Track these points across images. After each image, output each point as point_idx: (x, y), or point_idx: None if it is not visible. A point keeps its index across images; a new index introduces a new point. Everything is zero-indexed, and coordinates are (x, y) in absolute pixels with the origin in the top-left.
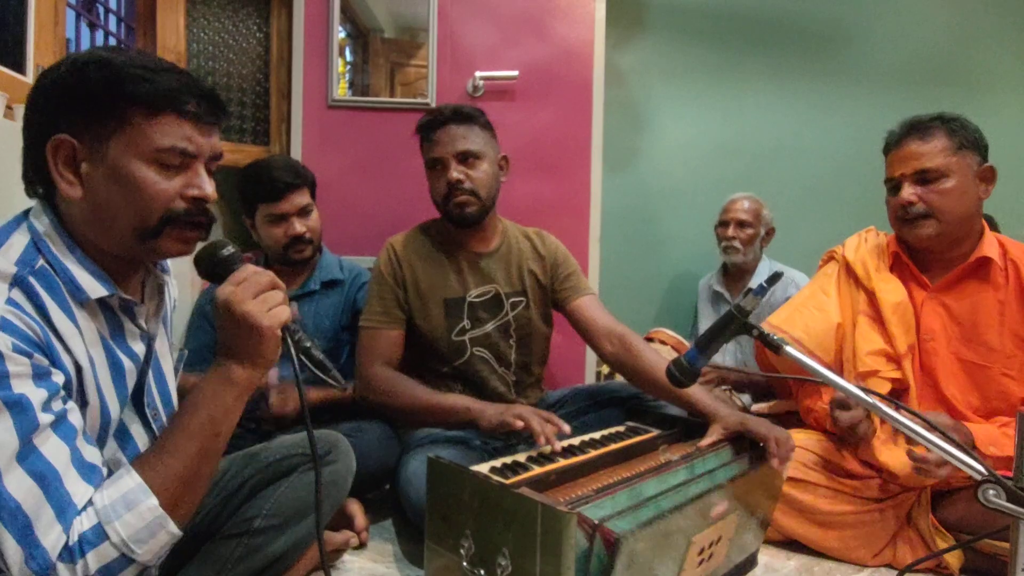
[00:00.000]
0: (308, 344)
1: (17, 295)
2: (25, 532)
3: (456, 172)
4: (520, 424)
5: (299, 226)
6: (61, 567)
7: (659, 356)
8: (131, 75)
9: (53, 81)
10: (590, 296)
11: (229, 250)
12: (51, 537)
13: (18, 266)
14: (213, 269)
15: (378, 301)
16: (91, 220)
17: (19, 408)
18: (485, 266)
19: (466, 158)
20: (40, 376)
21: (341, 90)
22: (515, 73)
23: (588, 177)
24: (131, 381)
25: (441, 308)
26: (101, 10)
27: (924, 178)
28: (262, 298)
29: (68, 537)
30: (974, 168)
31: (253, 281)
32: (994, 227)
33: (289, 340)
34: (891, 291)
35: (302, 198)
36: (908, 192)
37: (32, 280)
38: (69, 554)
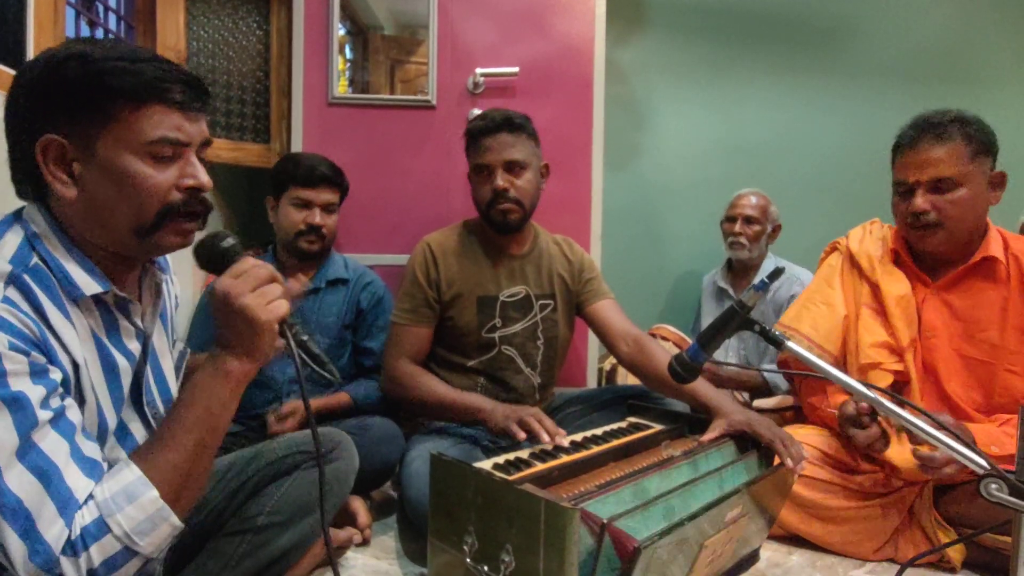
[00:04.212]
0: (305, 338)
1: (12, 293)
2: (28, 528)
3: (502, 180)
4: (523, 435)
5: (319, 218)
6: (65, 561)
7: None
8: (112, 68)
9: (32, 81)
10: (609, 300)
11: (229, 242)
12: (54, 532)
13: (13, 264)
14: (212, 260)
15: (408, 299)
16: (87, 219)
17: (18, 405)
18: (518, 268)
19: (512, 167)
20: (37, 373)
21: (341, 87)
22: (515, 70)
23: (589, 174)
24: (126, 379)
25: (474, 305)
26: (101, 8)
27: (938, 186)
28: (260, 291)
29: (70, 531)
30: (987, 174)
31: (252, 274)
32: None
33: (288, 335)
34: (895, 284)
35: (331, 196)
36: (921, 201)
37: (27, 278)
38: (72, 548)
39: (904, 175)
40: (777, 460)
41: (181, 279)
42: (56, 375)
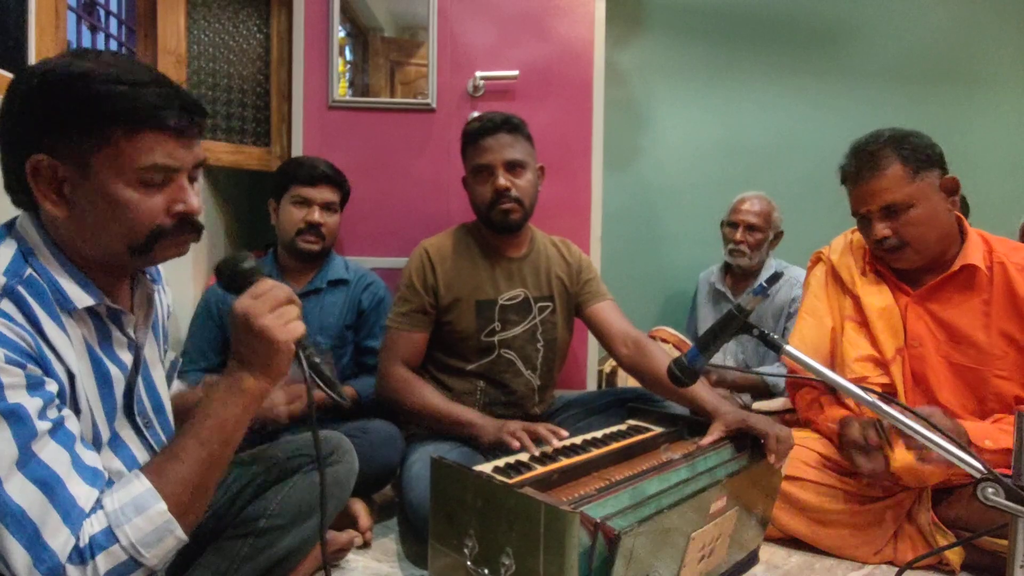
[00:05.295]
0: (318, 360)
1: (7, 306)
2: (32, 537)
3: (504, 180)
4: (517, 444)
5: (319, 216)
6: (71, 569)
7: (670, 359)
8: (110, 92)
9: (27, 93)
10: (608, 301)
11: (249, 263)
12: (59, 540)
13: (7, 276)
14: (232, 280)
15: (404, 304)
16: (78, 235)
17: (16, 418)
18: (516, 270)
19: (513, 167)
20: (34, 386)
21: (341, 90)
22: (515, 73)
23: (589, 176)
24: (119, 389)
25: (473, 309)
26: (102, 13)
27: (891, 211)
28: (278, 312)
29: (78, 539)
30: (936, 185)
31: (271, 295)
32: (966, 208)
33: (301, 355)
34: (876, 296)
35: (332, 195)
36: (880, 228)
37: (22, 290)
38: (79, 556)
39: (856, 207)
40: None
41: (180, 285)
42: (52, 387)
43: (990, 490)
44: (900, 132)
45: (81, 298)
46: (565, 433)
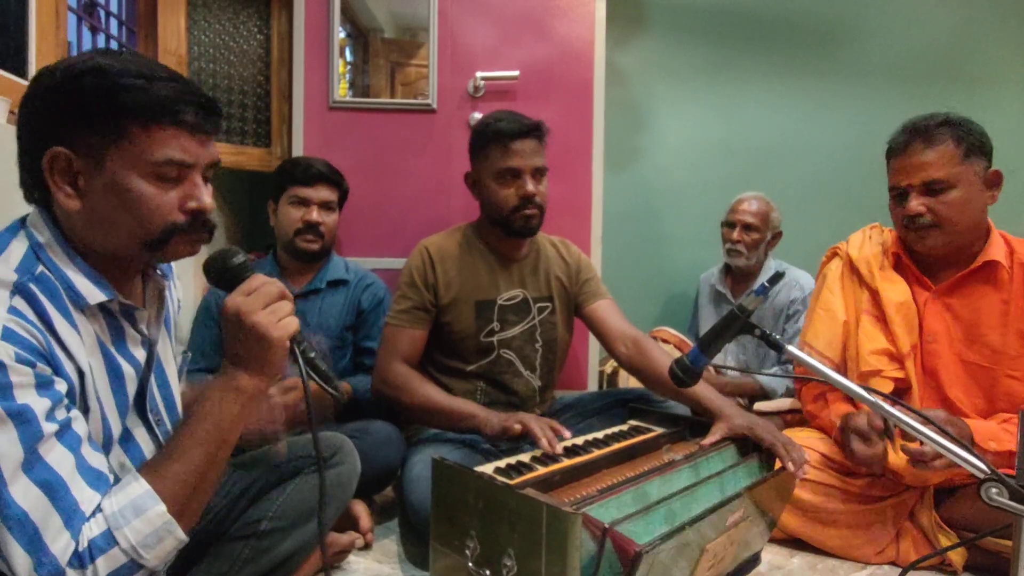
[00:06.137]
0: (312, 355)
1: (19, 303)
2: (34, 540)
3: (531, 186)
4: (519, 428)
5: (317, 215)
6: (72, 573)
7: (670, 358)
8: (127, 85)
9: (48, 89)
10: (607, 301)
11: (240, 259)
12: (60, 544)
13: (18, 273)
14: (223, 277)
15: (404, 301)
16: (91, 229)
17: (23, 418)
18: (516, 271)
19: (538, 173)
20: (43, 385)
21: (342, 91)
22: (516, 73)
23: (589, 177)
24: (132, 387)
25: (472, 309)
26: (102, 13)
27: (931, 188)
28: (271, 308)
29: (77, 543)
30: (980, 174)
31: (263, 292)
32: None
33: (296, 351)
34: (895, 290)
35: (329, 194)
36: (915, 203)
37: (33, 287)
38: (79, 559)
39: (897, 180)
40: (778, 464)
41: (182, 284)
42: (62, 386)
43: (994, 490)
44: (958, 115)
45: (93, 294)
46: (568, 433)
